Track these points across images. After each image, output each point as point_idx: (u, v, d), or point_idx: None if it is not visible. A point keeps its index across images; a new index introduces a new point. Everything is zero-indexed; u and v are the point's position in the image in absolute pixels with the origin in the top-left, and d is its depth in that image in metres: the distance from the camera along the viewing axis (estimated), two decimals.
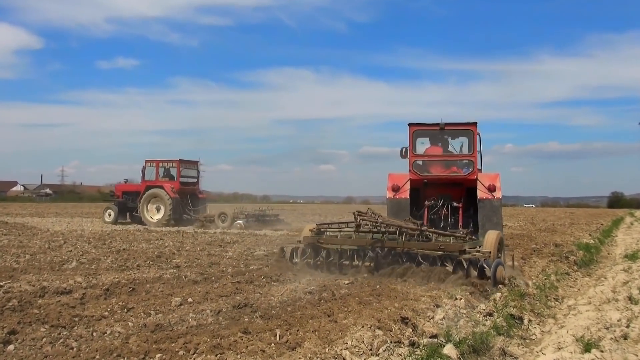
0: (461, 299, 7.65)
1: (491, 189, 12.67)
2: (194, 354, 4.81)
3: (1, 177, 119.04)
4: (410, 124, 13.24)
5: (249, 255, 12.64)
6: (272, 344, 5.14)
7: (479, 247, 9.75)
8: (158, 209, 25.65)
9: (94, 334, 5.57)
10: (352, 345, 5.20)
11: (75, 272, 9.47)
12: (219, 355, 4.77)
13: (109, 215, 26.82)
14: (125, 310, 6.61)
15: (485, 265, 8.93)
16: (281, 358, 4.78)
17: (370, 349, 5.22)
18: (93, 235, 17.67)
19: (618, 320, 6.63)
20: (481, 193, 12.67)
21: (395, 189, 12.85)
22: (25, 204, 63.66)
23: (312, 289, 8.07)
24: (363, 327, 5.76)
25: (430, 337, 5.77)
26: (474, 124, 13.00)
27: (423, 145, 13.82)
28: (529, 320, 7.41)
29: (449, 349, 5.41)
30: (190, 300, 7.21)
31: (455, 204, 12.98)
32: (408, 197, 12.71)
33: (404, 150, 13.43)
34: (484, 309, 7.37)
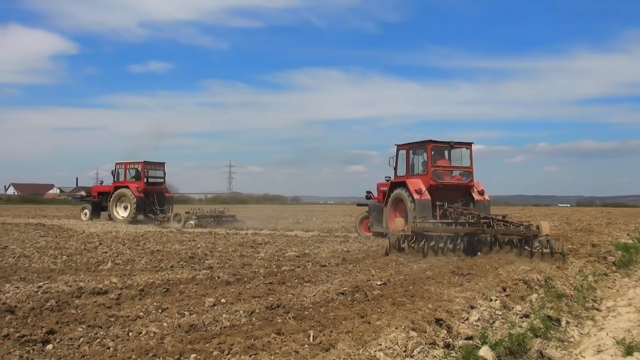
0: (496, 300, 7.53)
1: (481, 192, 16.58)
2: (228, 355, 4.83)
3: (38, 180, 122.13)
4: (429, 141, 16.51)
5: (280, 256, 12.66)
6: (306, 345, 5.13)
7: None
8: (125, 208, 27.65)
9: (130, 334, 5.64)
10: (386, 347, 5.16)
11: (111, 273, 9.60)
12: (252, 356, 4.78)
13: (85, 214, 29.37)
14: (159, 310, 6.67)
15: (554, 244, 12.63)
16: (315, 359, 4.76)
17: (405, 351, 5.17)
18: (127, 236, 17.93)
19: None
20: (476, 196, 16.48)
21: (419, 192, 15.87)
22: (62, 206, 64.83)
23: (345, 290, 8.03)
24: (397, 328, 5.71)
25: (465, 339, 5.69)
26: (471, 143, 17.04)
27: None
28: (567, 322, 7.28)
29: (485, 351, 5.33)
30: (223, 300, 7.25)
31: (455, 204, 16.14)
32: (430, 198, 15.89)
33: (391, 160, 17.85)
34: (520, 311, 7.24)
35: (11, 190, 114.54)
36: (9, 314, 6.28)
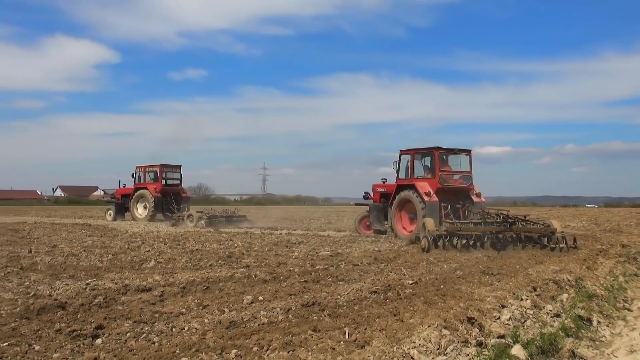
0: (527, 299, 7.41)
1: (479, 195, 17.76)
2: (267, 351, 4.85)
3: (84, 183, 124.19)
4: (437, 148, 17.44)
5: (314, 255, 12.66)
6: (342, 342, 5.12)
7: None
8: (145, 207, 29.33)
9: (173, 329, 5.71)
10: (419, 345, 5.12)
11: (154, 271, 9.75)
12: (291, 352, 4.79)
13: (110, 214, 30.77)
14: (201, 307, 6.74)
15: (567, 239, 14.22)
16: (351, 356, 4.74)
17: (438, 349, 5.11)
18: (168, 236, 18.17)
19: None
20: (475, 198, 17.59)
21: (429, 194, 16.82)
22: (106, 207, 66.27)
23: (377, 289, 7.99)
24: (429, 326, 5.67)
25: (497, 338, 5.61)
26: (471, 150, 18.15)
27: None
28: (598, 322, 7.09)
29: (517, 350, 5.24)
30: (261, 298, 7.29)
31: (456, 205, 17.24)
32: (438, 200, 16.78)
33: (394, 164, 18.41)
34: (551, 310, 7.10)
35: (58, 192, 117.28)
36: (61, 310, 6.44)
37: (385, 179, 19.95)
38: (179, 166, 31.09)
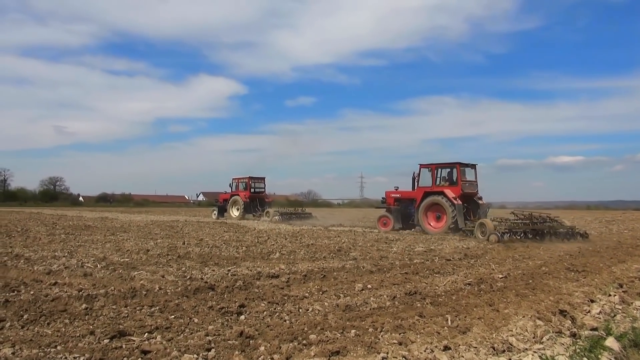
0: (615, 295, 6.72)
1: (480, 198, 18.84)
2: (381, 332, 4.72)
3: (220, 189, 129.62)
4: (458, 163, 18.65)
5: (410, 251, 12.32)
6: (445, 327, 4.89)
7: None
8: (237, 209, 31.71)
9: (300, 310, 5.72)
10: (516, 333, 4.77)
11: (279, 261, 9.89)
12: (402, 334, 4.63)
13: (214, 214, 32.97)
14: (320, 292, 6.73)
15: (582, 232, 16.44)
16: (455, 340, 4.51)
17: (534, 337, 4.74)
18: (288, 233, 18.45)
19: None
20: (480, 202, 18.70)
21: (456, 199, 17.95)
22: (211, 209, 68.79)
23: (471, 281, 7.60)
24: (524, 317, 5.28)
25: (590, 330, 5.10)
26: (476, 165, 19.30)
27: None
28: None
29: (610, 342, 4.74)
30: (369, 286, 7.16)
31: (466, 206, 18.39)
32: (461, 203, 18.07)
33: (415, 174, 19.83)
34: None
35: (201, 197, 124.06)
36: (211, 290, 6.66)
37: (398, 187, 21.18)
38: (264, 178, 33.06)
